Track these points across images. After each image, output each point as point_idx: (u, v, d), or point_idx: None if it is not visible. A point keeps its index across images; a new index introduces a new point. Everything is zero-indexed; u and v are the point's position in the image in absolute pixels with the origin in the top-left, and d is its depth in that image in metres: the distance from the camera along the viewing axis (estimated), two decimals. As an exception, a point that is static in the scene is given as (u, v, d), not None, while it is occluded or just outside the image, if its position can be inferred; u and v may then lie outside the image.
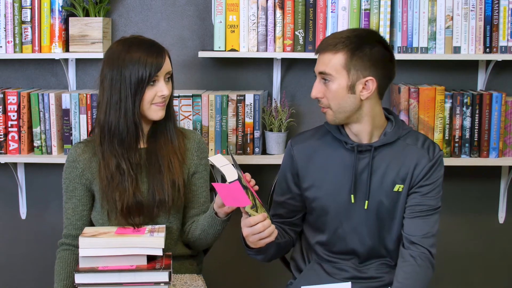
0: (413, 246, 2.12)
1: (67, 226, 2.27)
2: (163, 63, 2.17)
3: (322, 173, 2.20)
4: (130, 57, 2.14)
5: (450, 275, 3.19)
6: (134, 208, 2.18)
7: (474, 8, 2.82)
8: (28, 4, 2.84)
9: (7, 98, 2.87)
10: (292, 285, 2.30)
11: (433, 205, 2.15)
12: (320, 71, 2.11)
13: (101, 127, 2.20)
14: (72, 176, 2.24)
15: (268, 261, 2.27)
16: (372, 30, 2.49)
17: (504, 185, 3.10)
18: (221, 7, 2.84)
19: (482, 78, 3.02)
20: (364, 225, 2.18)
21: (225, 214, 2.19)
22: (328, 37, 2.14)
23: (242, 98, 2.87)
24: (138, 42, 2.19)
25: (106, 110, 2.18)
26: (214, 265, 3.03)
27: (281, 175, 2.30)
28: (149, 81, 2.14)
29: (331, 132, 2.22)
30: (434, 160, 2.15)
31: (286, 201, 2.28)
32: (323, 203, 2.20)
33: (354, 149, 2.16)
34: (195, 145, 2.32)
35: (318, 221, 2.24)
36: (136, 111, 2.16)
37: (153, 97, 2.17)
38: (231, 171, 1.97)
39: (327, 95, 2.11)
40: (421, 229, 2.13)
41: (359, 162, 2.16)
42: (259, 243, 2.00)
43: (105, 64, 2.19)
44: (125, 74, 2.14)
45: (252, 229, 1.97)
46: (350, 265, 2.23)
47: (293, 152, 2.26)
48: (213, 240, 2.28)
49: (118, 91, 2.15)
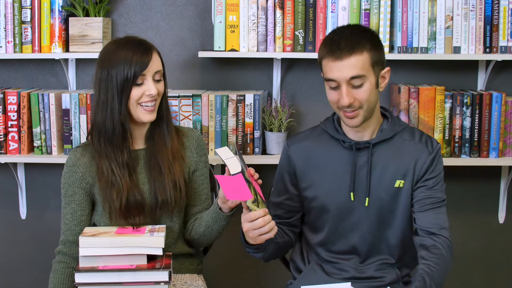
0: (434, 236, 2.11)
1: (65, 232, 2.24)
2: (149, 61, 2.13)
3: (320, 172, 2.21)
4: (117, 57, 2.13)
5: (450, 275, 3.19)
6: (134, 207, 2.17)
7: (474, 8, 2.83)
8: (28, 4, 2.84)
9: (7, 98, 2.87)
10: (292, 285, 2.30)
11: (440, 197, 2.17)
12: (352, 76, 2.05)
13: (92, 127, 2.21)
14: (71, 180, 2.23)
15: (266, 261, 2.27)
16: (356, 24, 2.54)
17: (504, 185, 3.10)
18: (221, 7, 2.84)
19: (482, 78, 3.02)
20: (364, 222, 2.18)
21: (229, 209, 2.18)
22: (338, 41, 2.07)
23: (242, 98, 2.88)
24: (126, 42, 2.18)
25: (96, 110, 2.18)
26: (214, 265, 3.03)
27: (278, 176, 2.30)
28: (134, 80, 2.12)
29: (327, 132, 2.22)
30: (434, 153, 2.16)
31: (283, 201, 2.28)
32: (322, 202, 2.20)
33: (352, 147, 2.16)
34: (194, 143, 2.32)
35: (318, 220, 2.24)
36: (123, 111, 2.14)
37: (140, 96, 2.14)
38: (235, 164, 1.96)
39: (360, 97, 2.07)
40: (436, 221, 2.13)
41: (357, 160, 2.16)
42: (258, 238, 1.99)
43: (97, 64, 2.19)
44: (111, 74, 2.13)
45: (252, 224, 1.96)
46: (350, 265, 2.23)
47: (290, 152, 2.26)
48: (217, 236, 2.27)
49: (105, 91, 2.14)
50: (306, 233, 2.31)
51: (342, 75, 2.05)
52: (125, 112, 2.15)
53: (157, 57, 2.18)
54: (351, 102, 2.07)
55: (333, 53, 2.06)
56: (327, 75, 2.09)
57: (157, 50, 2.20)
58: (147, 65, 2.13)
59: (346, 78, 2.05)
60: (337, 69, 2.06)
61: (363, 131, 2.17)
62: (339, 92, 2.08)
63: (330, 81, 2.09)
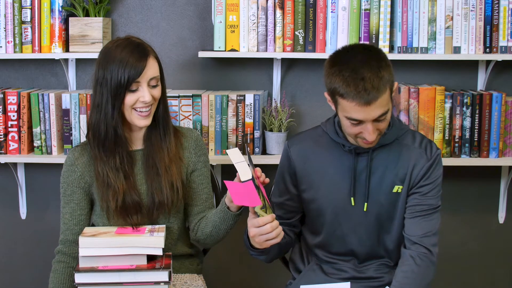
0: (413, 246, 2.12)
1: (64, 232, 2.24)
2: (143, 68, 2.10)
3: (319, 175, 2.20)
4: (113, 59, 2.10)
5: (450, 275, 3.19)
6: (131, 207, 2.17)
7: (474, 8, 2.82)
8: (28, 4, 2.84)
9: (7, 98, 2.87)
10: (291, 285, 2.30)
11: (433, 204, 2.15)
12: (379, 115, 2.00)
13: (88, 128, 2.21)
14: (70, 180, 2.23)
15: (269, 262, 2.27)
16: (366, 47, 2.15)
17: (504, 185, 3.10)
18: (221, 7, 2.84)
19: (482, 78, 3.02)
20: (363, 226, 2.18)
21: (237, 208, 2.16)
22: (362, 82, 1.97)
23: (242, 98, 2.87)
24: (124, 44, 2.14)
25: (92, 111, 2.17)
26: (214, 265, 3.03)
27: (278, 176, 2.30)
28: (127, 86, 2.09)
29: (327, 133, 2.22)
30: (432, 160, 2.15)
31: (284, 202, 2.28)
32: (320, 205, 2.20)
33: (352, 151, 2.16)
34: (192, 143, 2.31)
35: (316, 222, 2.24)
36: (115, 116, 2.12)
37: (135, 102, 2.12)
38: (246, 170, 1.95)
39: (382, 128, 2.06)
40: (421, 229, 2.13)
41: (357, 164, 2.16)
42: (265, 243, 1.99)
43: (96, 63, 2.17)
44: (106, 77, 2.10)
45: (260, 230, 1.96)
46: (349, 266, 2.23)
47: (290, 153, 2.25)
48: (224, 235, 2.25)
49: (100, 93, 2.13)
50: (305, 234, 2.31)
51: (370, 117, 2.00)
52: (118, 117, 2.13)
53: (153, 62, 2.15)
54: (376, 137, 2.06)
55: (360, 97, 1.97)
56: (350, 115, 2.02)
57: (154, 54, 2.17)
58: (141, 72, 2.10)
59: (373, 118, 2.01)
60: (365, 112, 1.99)
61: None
62: (361, 127, 2.04)
63: (353, 120, 2.03)
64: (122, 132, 2.15)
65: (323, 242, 2.24)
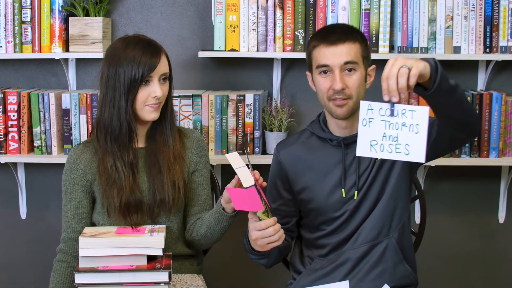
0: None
1: (66, 230, 2.25)
2: (157, 63, 2.14)
3: (312, 174, 2.21)
4: (125, 56, 2.13)
5: (450, 275, 3.19)
6: (133, 205, 2.18)
7: (474, 8, 2.82)
8: (28, 4, 2.84)
9: (7, 98, 2.87)
10: (291, 285, 2.30)
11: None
12: (346, 61, 2.10)
13: (98, 124, 2.21)
14: (72, 177, 2.24)
15: (269, 267, 2.27)
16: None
17: (504, 185, 3.10)
18: (221, 7, 2.84)
19: (482, 78, 3.02)
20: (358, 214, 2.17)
21: (232, 210, 2.17)
22: (332, 29, 2.17)
23: (242, 98, 2.88)
24: (135, 41, 2.18)
25: (102, 107, 2.18)
26: (214, 265, 3.03)
27: (270, 182, 2.30)
28: (141, 81, 2.13)
29: (314, 133, 2.23)
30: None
31: (278, 207, 2.28)
32: (319, 203, 2.20)
33: (340, 144, 2.17)
34: (194, 144, 2.32)
35: (316, 219, 2.24)
36: (129, 111, 2.15)
37: (147, 97, 2.15)
38: (247, 175, 1.95)
39: (351, 84, 2.12)
40: None
41: (346, 157, 2.17)
42: (266, 246, 2.00)
43: (104, 61, 2.19)
44: (119, 73, 2.13)
45: (262, 233, 1.97)
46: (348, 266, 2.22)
47: (280, 157, 2.27)
48: (218, 237, 2.26)
49: (112, 89, 2.15)
50: (303, 233, 2.31)
51: (337, 61, 2.11)
52: (131, 112, 2.16)
53: (164, 59, 2.19)
54: (343, 87, 2.10)
55: (327, 39, 2.12)
56: (319, 62, 2.13)
57: (165, 52, 2.21)
58: (155, 67, 2.14)
59: (340, 63, 2.10)
60: (331, 54, 2.11)
61: (351, 127, 2.17)
62: (331, 78, 2.12)
63: (322, 67, 2.12)
64: (135, 127, 2.18)
65: (324, 234, 2.23)
